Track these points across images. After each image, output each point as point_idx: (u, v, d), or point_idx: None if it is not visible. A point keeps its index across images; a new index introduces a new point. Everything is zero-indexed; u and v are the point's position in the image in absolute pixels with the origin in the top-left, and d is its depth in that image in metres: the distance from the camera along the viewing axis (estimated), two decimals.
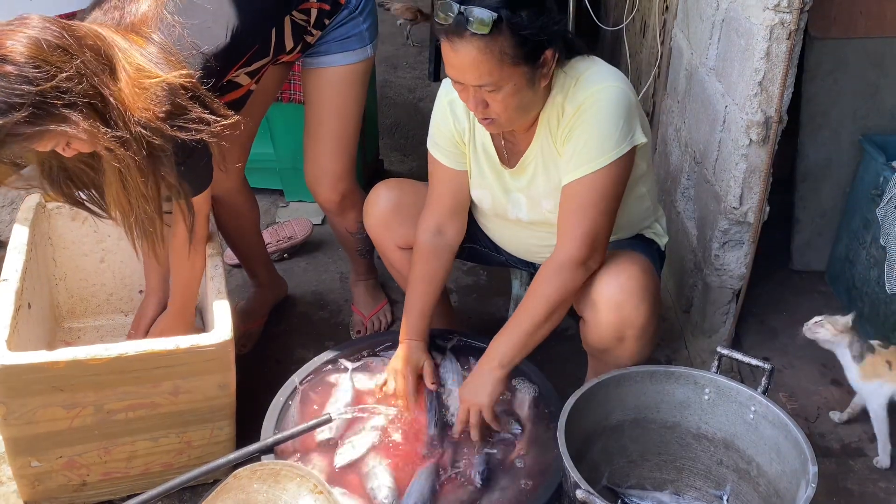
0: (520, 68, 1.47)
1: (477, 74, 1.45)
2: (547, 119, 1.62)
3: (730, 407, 1.66)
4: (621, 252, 1.71)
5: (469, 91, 1.50)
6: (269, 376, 2.10)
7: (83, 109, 1.37)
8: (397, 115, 3.80)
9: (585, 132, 1.56)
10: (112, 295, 2.25)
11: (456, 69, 1.48)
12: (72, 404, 1.61)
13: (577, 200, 1.60)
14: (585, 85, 1.57)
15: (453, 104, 1.72)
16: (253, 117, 1.98)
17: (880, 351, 1.90)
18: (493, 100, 1.50)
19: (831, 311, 2.41)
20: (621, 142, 1.56)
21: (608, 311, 1.63)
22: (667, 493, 1.75)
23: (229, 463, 1.66)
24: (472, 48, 1.43)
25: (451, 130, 1.74)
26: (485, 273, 2.65)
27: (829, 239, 2.53)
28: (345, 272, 2.66)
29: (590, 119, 1.56)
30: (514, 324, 1.66)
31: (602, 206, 1.60)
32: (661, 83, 2.66)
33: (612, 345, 1.68)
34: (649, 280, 1.66)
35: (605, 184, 1.58)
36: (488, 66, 1.44)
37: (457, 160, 1.78)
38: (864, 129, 2.39)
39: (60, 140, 1.41)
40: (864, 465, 1.92)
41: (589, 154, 1.57)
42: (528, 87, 1.51)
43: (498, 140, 1.71)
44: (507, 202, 1.76)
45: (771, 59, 1.85)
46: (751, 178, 1.99)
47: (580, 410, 1.59)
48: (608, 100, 1.55)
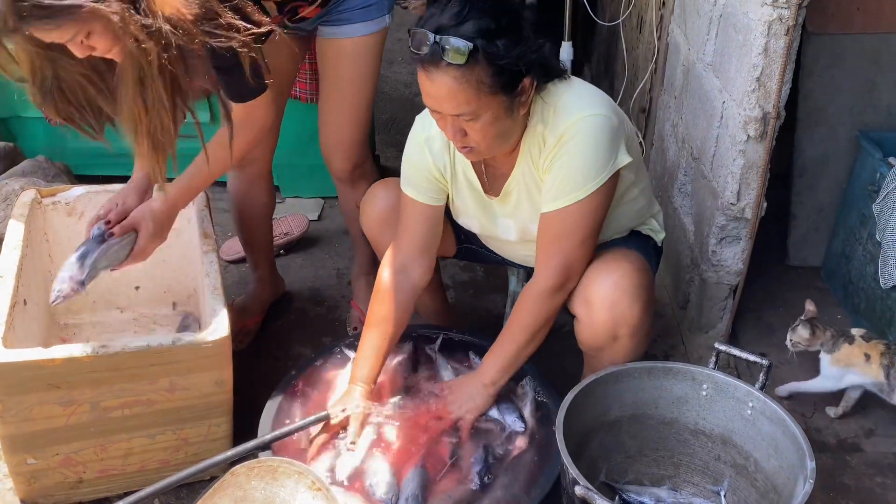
0: (497, 97, 1.46)
1: (454, 104, 1.44)
2: (528, 148, 1.61)
3: (727, 403, 1.66)
4: (615, 250, 1.71)
5: (447, 120, 1.49)
6: (267, 373, 2.09)
7: None
8: (393, 110, 3.79)
9: (566, 165, 1.56)
10: (108, 291, 2.24)
11: (433, 98, 1.46)
12: (68, 401, 1.61)
13: (554, 231, 1.62)
14: (566, 114, 1.55)
15: (430, 141, 1.70)
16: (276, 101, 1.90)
17: (860, 342, 1.93)
18: (471, 129, 1.49)
19: (827, 306, 2.44)
20: (602, 171, 1.56)
21: (602, 310, 1.63)
22: (664, 488, 1.75)
23: (226, 460, 1.65)
24: (448, 78, 1.41)
25: (430, 168, 1.72)
26: (481, 269, 2.65)
27: (825, 235, 2.54)
28: (342, 268, 2.65)
29: (571, 150, 1.55)
30: (501, 347, 1.72)
31: (579, 235, 1.61)
32: (657, 79, 2.66)
33: (605, 343, 1.68)
34: (643, 278, 1.66)
35: (584, 213, 1.59)
36: (465, 95, 1.43)
37: (432, 196, 1.76)
38: (860, 125, 2.40)
39: (83, 26, 1.33)
40: (861, 460, 1.93)
41: (568, 186, 1.57)
42: (506, 116, 1.50)
43: (479, 168, 1.70)
44: (495, 228, 1.77)
45: (769, 55, 1.85)
46: (748, 174, 1.99)
47: (578, 407, 1.59)
48: (588, 131, 1.54)
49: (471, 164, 1.70)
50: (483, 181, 1.71)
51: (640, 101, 2.82)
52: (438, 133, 1.65)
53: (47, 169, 2.70)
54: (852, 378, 1.94)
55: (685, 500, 1.70)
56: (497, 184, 1.70)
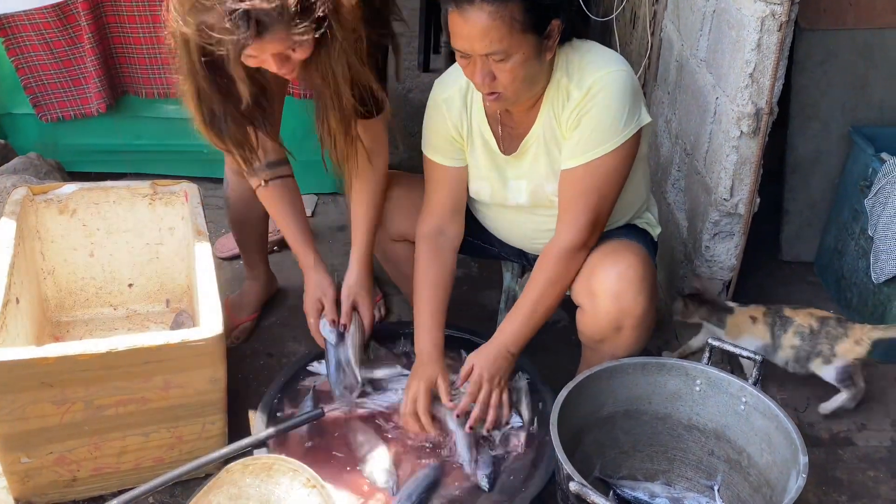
0: (528, 37, 1.48)
1: (487, 42, 1.45)
2: (551, 101, 1.63)
3: (721, 398, 1.67)
4: (619, 241, 1.71)
5: (476, 64, 1.50)
6: (261, 370, 2.09)
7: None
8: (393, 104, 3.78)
9: (595, 117, 1.58)
10: (101, 289, 2.23)
11: (465, 38, 1.47)
12: (62, 400, 1.60)
13: (581, 185, 1.62)
14: (591, 69, 1.58)
15: (448, 102, 1.72)
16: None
17: (739, 310, 2.00)
18: (500, 70, 1.50)
19: (820, 301, 2.44)
20: (628, 125, 1.59)
21: (607, 301, 1.63)
22: (658, 483, 1.76)
23: (221, 457, 1.65)
24: (483, 14, 1.43)
25: (448, 127, 1.74)
26: (476, 265, 2.65)
27: (818, 230, 2.55)
28: (336, 264, 2.64)
29: (599, 104, 1.57)
30: (524, 308, 1.69)
31: (605, 190, 1.63)
32: (651, 74, 2.66)
33: (609, 335, 1.68)
34: (647, 270, 1.66)
35: (610, 167, 1.61)
36: (499, 32, 1.45)
37: (455, 157, 1.78)
38: (853, 121, 2.40)
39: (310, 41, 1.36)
40: (854, 454, 1.94)
41: (596, 139, 1.59)
42: (535, 58, 1.52)
43: (496, 127, 1.71)
44: (505, 191, 1.77)
45: (762, 51, 1.85)
46: (741, 170, 2.00)
47: (572, 402, 1.60)
48: (616, 84, 1.57)
49: (487, 122, 1.71)
50: (498, 139, 1.72)
51: None
52: (457, 92, 1.69)
53: (39, 166, 2.69)
54: (749, 343, 1.96)
55: (679, 494, 1.71)
56: (513, 143, 1.71)
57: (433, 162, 1.79)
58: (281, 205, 1.87)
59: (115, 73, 2.76)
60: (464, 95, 1.71)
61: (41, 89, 2.76)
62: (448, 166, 1.78)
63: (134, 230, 2.19)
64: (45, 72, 2.72)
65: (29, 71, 2.72)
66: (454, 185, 1.80)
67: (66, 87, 2.76)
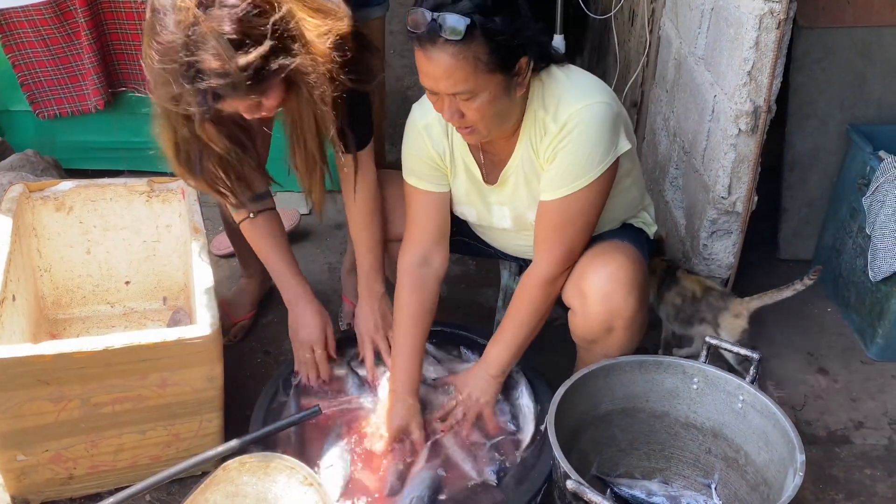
0: (494, 76, 1.46)
1: (452, 82, 1.44)
2: (528, 133, 1.61)
3: (718, 396, 1.67)
4: (609, 242, 1.71)
5: (444, 101, 1.49)
6: (258, 368, 2.09)
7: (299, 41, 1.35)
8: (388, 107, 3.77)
9: (570, 153, 1.56)
10: (98, 286, 2.23)
11: (430, 77, 1.46)
12: (58, 397, 1.60)
13: (557, 219, 1.62)
14: (567, 102, 1.55)
15: (429, 128, 1.70)
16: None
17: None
18: (468, 109, 1.48)
19: (817, 299, 2.45)
20: (604, 158, 1.57)
21: (597, 302, 1.63)
22: (656, 481, 1.75)
23: (218, 455, 1.65)
24: (446, 55, 1.41)
25: (430, 154, 1.72)
26: (474, 263, 2.64)
27: (815, 228, 2.54)
28: (332, 262, 2.65)
29: (575, 139, 1.55)
30: (505, 334, 1.73)
31: (580, 222, 1.63)
32: (649, 72, 2.66)
33: (600, 336, 1.68)
34: (637, 270, 1.66)
35: (586, 200, 1.60)
36: (463, 73, 1.42)
37: (438, 182, 1.76)
38: (851, 119, 2.40)
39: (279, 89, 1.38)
40: (851, 452, 1.94)
41: (572, 175, 1.57)
42: (504, 96, 1.50)
43: (478, 155, 1.70)
44: (490, 216, 1.77)
45: (760, 49, 1.85)
46: (739, 168, 2.00)
47: (570, 401, 1.59)
48: (593, 119, 1.55)
49: (469, 150, 1.70)
50: (482, 168, 1.71)
51: (631, 94, 2.82)
52: (437, 119, 1.66)
53: (36, 163, 2.68)
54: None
55: (676, 493, 1.71)
56: (495, 171, 1.70)
57: (415, 188, 1.76)
58: (268, 238, 1.87)
59: (113, 69, 2.75)
60: (444, 123, 1.68)
61: (38, 86, 2.75)
62: (432, 192, 1.76)
63: (131, 227, 2.18)
64: (42, 69, 2.72)
65: (26, 68, 2.71)
66: (439, 211, 1.78)
67: (63, 84, 2.75)
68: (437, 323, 2.00)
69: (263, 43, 1.30)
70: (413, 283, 1.77)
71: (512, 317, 1.72)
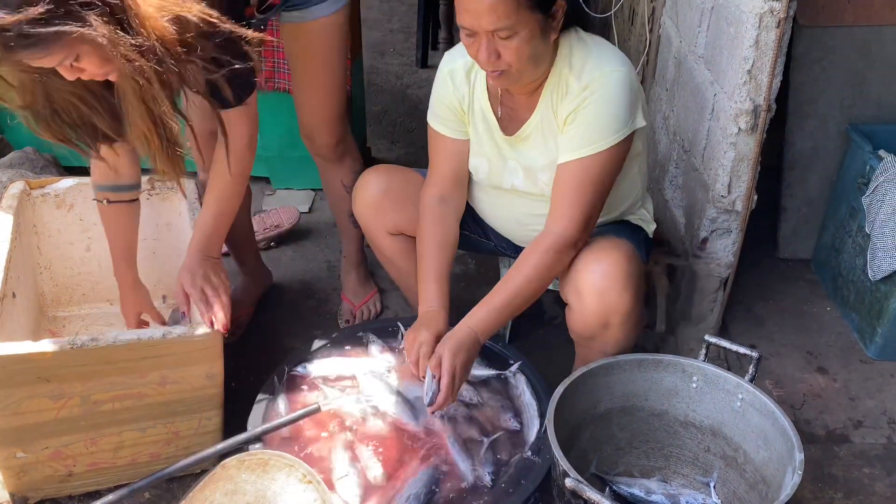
0: (534, 14, 1.49)
1: (494, 17, 1.46)
2: (550, 90, 1.64)
3: (717, 395, 1.67)
4: (605, 238, 1.72)
5: (482, 40, 1.50)
6: (257, 366, 2.09)
7: (101, 12, 1.31)
8: (384, 102, 3.78)
9: (590, 114, 1.59)
10: (98, 284, 2.23)
11: (472, 14, 1.48)
12: (58, 395, 1.60)
13: (575, 180, 1.63)
14: (593, 65, 1.59)
15: (453, 73, 1.74)
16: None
17: None
18: (505, 48, 1.51)
19: (817, 298, 2.45)
20: (623, 126, 1.60)
21: (592, 299, 1.64)
22: (655, 480, 1.76)
23: (217, 453, 1.65)
24: None
25: (451, 98, 1.76)
26: (473, 261, 2.65)
27: (815, 227, 2.55)
28: (332, 261, 2.65)
29: (596, 101, 1.58)
30: (500, 294, 1.65)
31: (598, 187, 1.64)
32: (649, 71, 2.66)
33: (597, 332, 1.69)
34: (633, 266, 1.66)
35: (604, 166, 1.62)
36: (506, 8, 1.45)
37: (457, 129, 1.79)
38: (850, 118, 2.40)
39: (71, 51, 1.33)
40: (849, 451, 1.94)
41: (592, 136, 1.60)
42: (540, 37, 1.53)
43: (496, 106, 1.72)
44: (503, 170, 1.77)
45: (760, 48, 1.85)
46: (739, 167, 2.00)
47: (569, 399, 1.60)
48: (615, 85, 1.58)
49: (488, 98, 1.72)
50: (498, 119, 1.73)
51: None
52: (462, 65, 1.71)
53: (35, 160, 2.69)
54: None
55: (675, 491, 1.71)
56: (513, 125, 1.72)
57: (436, 132, 1.81)
58: (115, 228, 1.92)
59: None
60: (468, 70, 1.73)
61: None
62: (450, 138, 1.80)
63: None
64: None
65: None
66: (456, 157, 1.81)
67: None
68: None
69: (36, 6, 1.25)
70: (434, 217, 1.81)
71: (514, 278, 1.64)
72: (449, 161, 1.82)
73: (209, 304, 1.70)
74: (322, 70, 2.03)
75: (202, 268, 1.75)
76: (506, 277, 1.67)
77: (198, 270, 1.74)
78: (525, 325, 2.28)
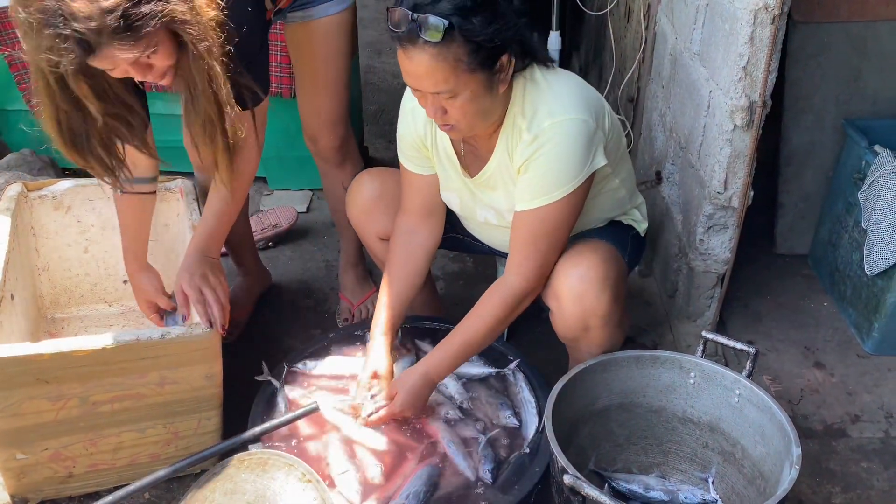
0: (476, 75, 1.46)
1: (433, 82, 1.44)
2: (506, 136, 1.61)
3: (715, 391, 1.67)
4: (584, 242, 1.72)
5: (427, 98, 1.49)
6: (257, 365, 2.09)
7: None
8: (382, 101, 3.77)
9: (543, 166, 1.56)
10: (96, 285, 2.23)
11: (412, 77, 1.46)
12: (57, 396, 1.60)
13: (530, 230, 1.62)
14: (545, 114, 1.55)
15: (414, 111, 1.71)
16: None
17: None
18: (451, 106, 1.49)
19: (814, 293, 2.46)
20: (578, 173, 1.57)
21: (570, 303, 1.65)
22: (653, 476, 1.76)
23: (217, 453, 1.66)
24: (426, 56, 1.41)
25: (414, 137, 1.74)
26: (471, 259, 2.65)
27: (812, 223, 2.55)
28: (330, 260, 2.65)
29: (547, 153, 1.55)
30: (455, 340, 1.69)
31: (554, 237, 1.63)
32: (645, 68, 2.66)
33: (579, 334, 1.71)
34: (610, 268, 1.66)
35: (559, 215, 1.60)
36: (443, 73, 1.43)
37: (423, 165, 1.78)
38: (846, 113, 2.41)
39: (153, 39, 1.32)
40: (847, 445, 1.95)
41: (545, 187, 1.57)
42: (486, 93, 1.50)
43: (458, 145, 1.70)
44: (474, 205, 1.77)
45: (755, 44, 1.85)
46: (735, 163, 2.00)
47: (567, 396, 1.60)
48: (567, 134, 1.54)
49: (451, 140, 1.70)
50: (461, 159, 1.71)
51: (628, 90, 2.82)
52: None
53: (33, 162, 2.69)
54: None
55: (674, 487, 1.72)
56: (476, 165, 1.70)
57: (403, 166, 1.81)
58: (128, 218, 1.90)
59: None
60: None
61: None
62: (417, 174, 1.79)
63: None
64: None
65: (22, 66, 2.70)
66: (426, 190, 1.81)
67: None
68: (434, 319, 2.01)
69: None
70: (399, 244, 1.84)
71: (469, 325, 1.67)
72: (417, 194, 1.82)
73: (208, 305, 1.70)
74: (326, 71, 2.03)
75: (200, 268, 1.75)
76: (464, 321, 1.68)
77: (196, 271, 1.74)
78: (523, 322, 2.28)
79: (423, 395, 1.70)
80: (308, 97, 2.09)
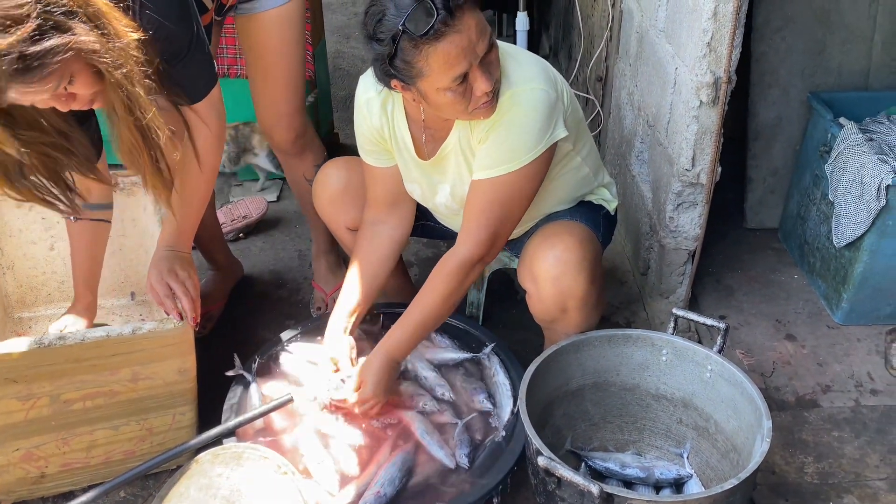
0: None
1: (486, 35, 1.43)
2: None
3: (687, 367, 1.69)
4: (558, 223, 1.72)
5: (477, 72, 1.44)
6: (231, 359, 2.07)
7: (83, 20, 1.25)
8: (351, 86, 3.73)
9: (502, 135, 1.55)
10: (63, 283, 2.20)
11: (466, 49, 1.40)
12: (27, 395, 1.58)
13: (486, 199, 1.60)
14: (505, 84, 1.53)
15: (369, 104, 1.69)
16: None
17: None
18: (490, 64, 1.46)
19: (784, 266, 2.48)
20: (537, 144, 1.56)
21: (547, 285, 1.65)
22: (629, 453, 1.78)
23: (191, 448, 1.65)
24: (470, 18, 1.40)
25: (371, 129, 1.72)
26: (445, 246, 2.64)
27: (780, 197, 2.57)
28: (303, 249, 2.63)
29: (507, 122, 1.54)
30: (412, 317, 1.68)
31: (509, 206, 1.62)
32: (613, 46, 2.66)
33: (556, 316, 1.71)
34: (586, 250, 1.67)
35: (516, 185, 1.59)
36: (484, 25, 1.43)
37: (381, 158, 1.77)
38: (812, 87, 2.42)
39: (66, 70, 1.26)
40: (819, 416, 1.98)
41: (503, 157, 1.56)
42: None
43: (418, 132, 1.68)
44: (434, 194, 1.77)
45: (718, 19, 1.85)
46: (702, 140, 2.01)
47: (541, 377, 1.61)
48: (525, 104, 1.53)
49: (407, 126, 1.68)
50: (418, 143, 1.70)
51: (596, 69, 2.82)
52: (377, 94, 1.67)
53: None
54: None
55: (649, 464, 1.73)
56: (434, 146, 1.69)
57: (364, 161, 1.80)
58: (80, 245, 1.85)
59: None
60: (383, 101, 1.68)
61: None
62: (378, 167, 1.78)
63: None
64: None
65: None
66: (388, 181, 1.80)
67: None
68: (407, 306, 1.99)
69: (26, 23, 1.18)
70: (366, 235, 1.84)
71: (423, 301, 1.67)
72: (381, 186, 1.81)
73: (177, 298, 1.68)
74: (277, 63, 1.99)
75: (168, 263, 1.72)
76: (418, 297, 1.68)
77: (163, 267, 1.71)
78: (498, 304, 2.29)
79: (390, 377, 1.70)
80: (262, 90, 2.04)
